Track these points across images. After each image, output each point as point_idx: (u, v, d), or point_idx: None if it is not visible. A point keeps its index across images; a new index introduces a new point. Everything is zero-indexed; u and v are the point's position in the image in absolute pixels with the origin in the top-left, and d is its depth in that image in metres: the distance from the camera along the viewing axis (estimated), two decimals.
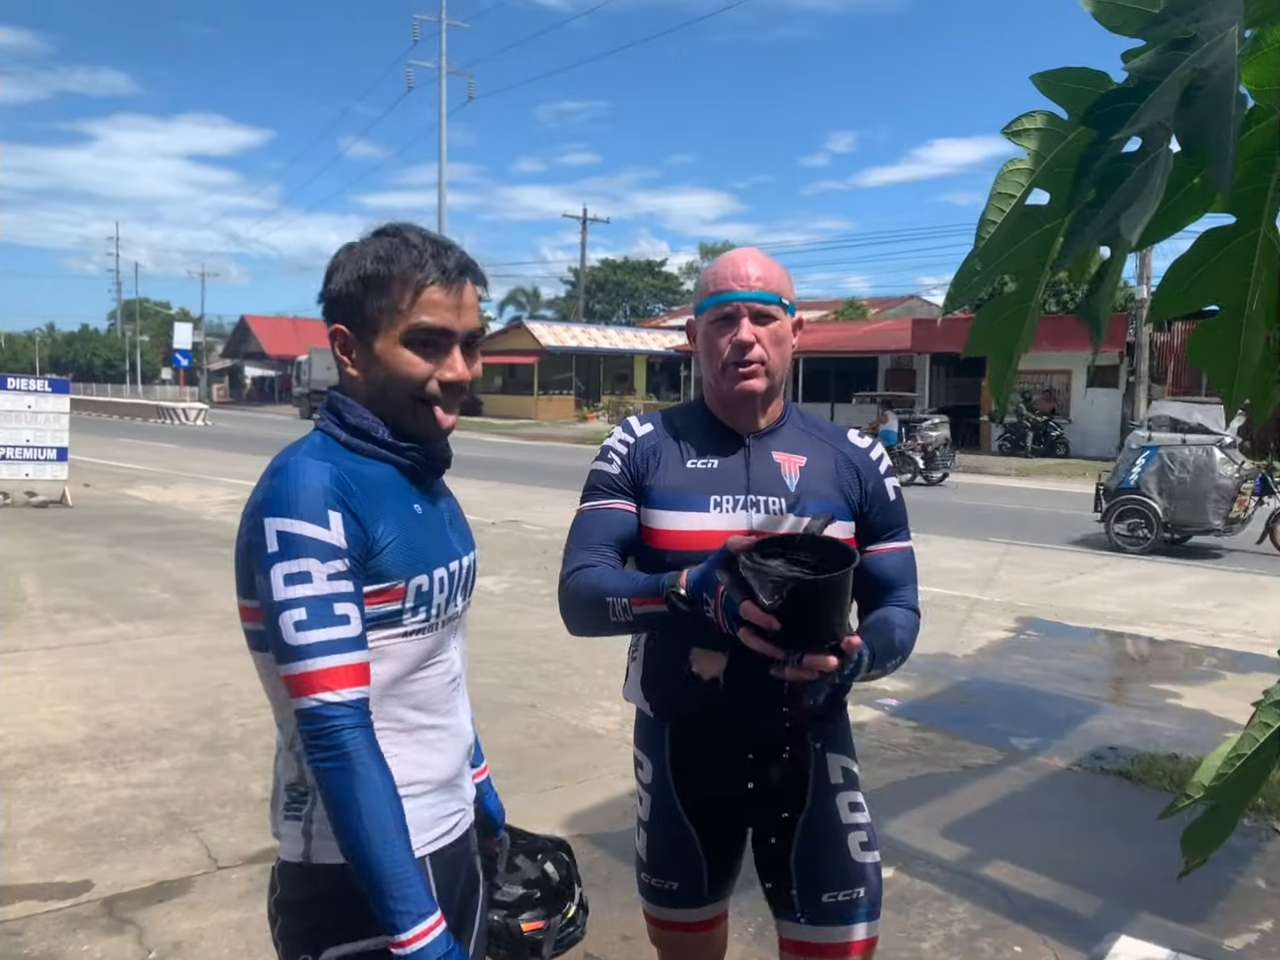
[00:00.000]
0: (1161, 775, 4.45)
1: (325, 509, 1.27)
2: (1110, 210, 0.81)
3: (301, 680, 1.23)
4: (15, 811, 3.82)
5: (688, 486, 1.75)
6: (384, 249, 1.35)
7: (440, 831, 1.41)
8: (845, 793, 1.82)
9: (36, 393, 12.88)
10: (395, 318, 1.34)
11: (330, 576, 1.25)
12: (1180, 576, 9.78)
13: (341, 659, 1.24)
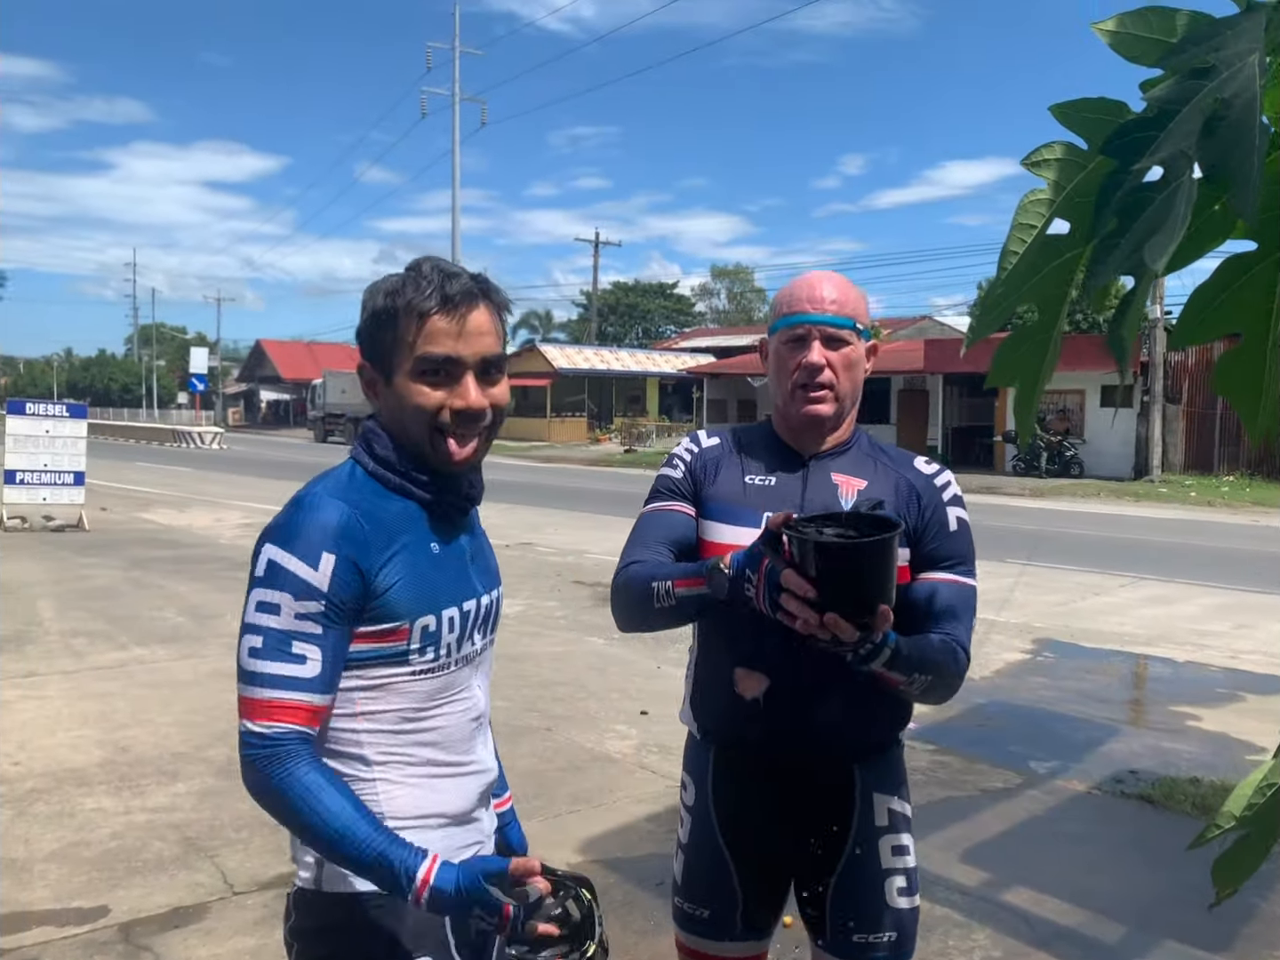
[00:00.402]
0: (1183, 799, 4.40)
1: (320, 550, 1.28)
2: (1132, 240, 0.81)
3: (242, 703, 1.27)
4: (33, 836, 3.82)
5: (742, 501, 1.76)
6: (394, 283, 1.37)
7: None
8: (889, 835, 1.77)
9: (54, 418, 12.99)
10: (405, 351, 1.36)
11: (298, 615, 1.27)
12: (1198, 597, 9.70)
13: (284, 695, 1.26)
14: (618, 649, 7.16)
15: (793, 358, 1.72)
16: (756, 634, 1.69)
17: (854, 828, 1.76)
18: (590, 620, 8.16)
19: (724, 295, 75.24)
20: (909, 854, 1.79)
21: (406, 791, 1.36)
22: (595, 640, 7.44)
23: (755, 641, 1.70)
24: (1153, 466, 23.82)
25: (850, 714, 1.72)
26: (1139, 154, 0.85)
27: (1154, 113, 0.86)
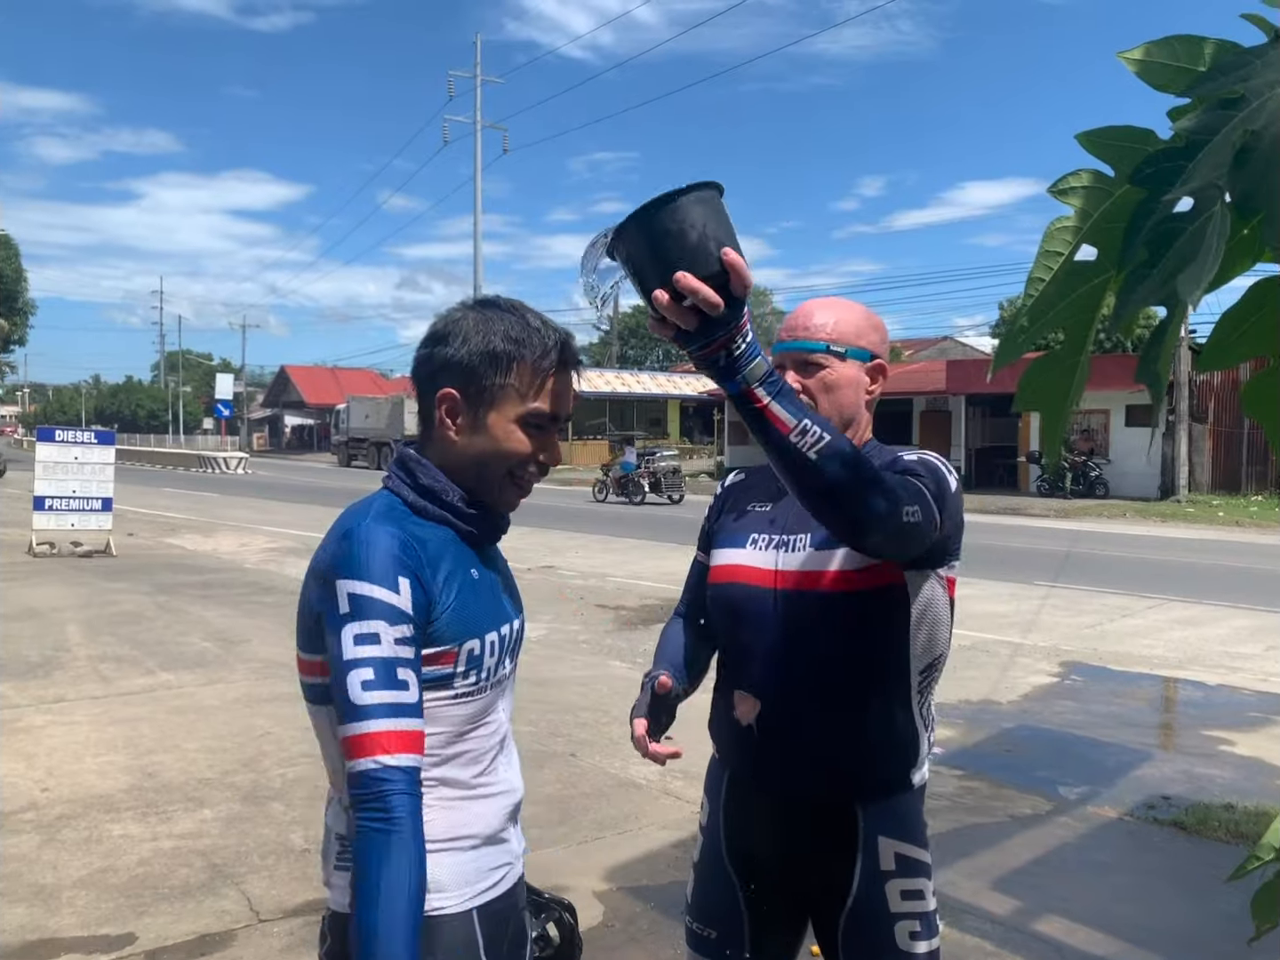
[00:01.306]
0: (1217, 826, 4.33)
1: (395, 574, 1.29)
2: (1164, 271, 0.81)
3: (361, 740, 1.25)
4: (61, 862, 3.84)
5: (739, 528, 1.83)
6: (515, 329, 1.39)
7: (487, 885, 1.42)
8: (897, 880, 1.72)
9: (83, 444, 13.15)
10: (516, 398, 1.40)
11: (397, 640, 1.28)
12: (1228, 619, 9.57)
13: (400, 724, 1.26)
14: (640, 673, 7.12)
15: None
16: (750, 658, 1.74)
17: (859, 868, 1.71)
18: (613, 644, 8.14)
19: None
20: (924, 899, 1.73)
21: (441, 814, 1.37)
22: (618, 664, 7.42)
23: (749, 666, 1.74)
24: (1179, 486, 23.59)
25: (845, 746, 1.69)
26: (1169, 184, 0.85)
27: (1183, 143, 0.86)
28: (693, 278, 1.20)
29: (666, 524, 18.79)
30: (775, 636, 1.70)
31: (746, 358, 1.27)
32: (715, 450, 35.50)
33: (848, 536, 1.46)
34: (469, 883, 1.39)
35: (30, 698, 6.20)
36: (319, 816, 1.47)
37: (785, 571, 1.71)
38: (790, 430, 1.31)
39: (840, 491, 1.35)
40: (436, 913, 1.35)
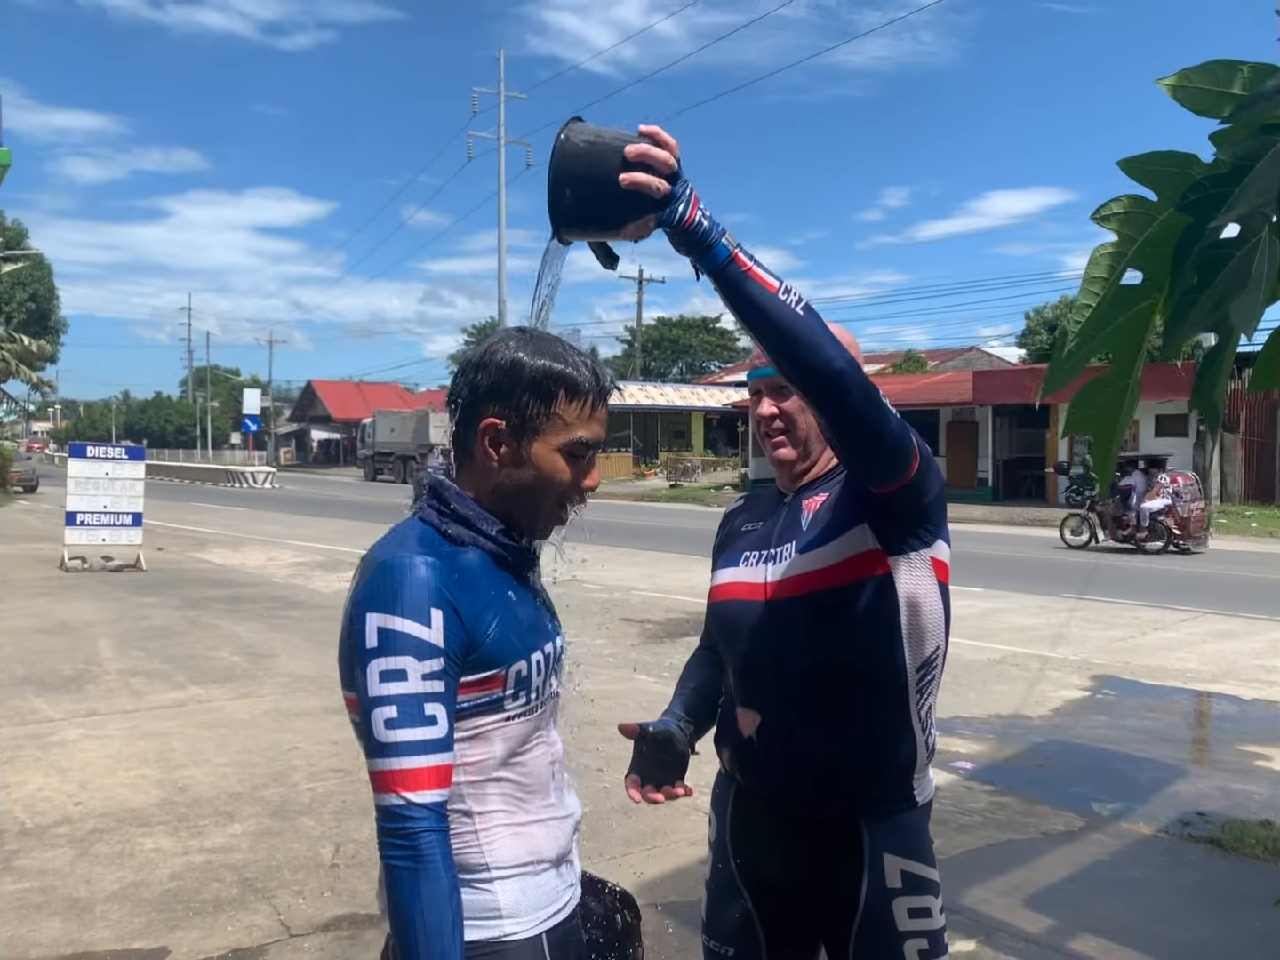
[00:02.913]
0: (1255, 843, 4.26)
1: (429, 606, 1.28)
2: (1213, 296, 0.80)
3: (385, 777, 1.25)
4: (94, 876, 3.87)
5: (734, 548, 1.87)
6: (557, 360, 1.41)
7: (555, 908, 1.42)
8: (904, 898, 1.70)
9: (114, 460, 13.32)
10: (560, 428, 1.41)
11: (425, 676, 1.27)
12: (1263, 632, 9.44)
13: (426, 760, 1.25)
14: (667, 687, 7.08)
15: (754, 411, 1.85)
16: (748, 672, 1.77)
17: (865, 886, 1.70)
18: (639, 658, 8.14)
19: None
20: (931, 916, 1.71)
21: (506, 841, 1.37)
22: (644, 678, 7.42)
23: (748, 679, 1.77)
24: (1211, 497, 23.31)
25: (842, 753, 1.68)
26: (1214, 210, 0.84)
27: (1227, 169, 0.85)
28: (643, 144, 1.26)
29: (691, 537, 18.77)
30: (768, 648, 1.73)
31: (718, 224, 1.33)
32: (740, 462, 35.45)
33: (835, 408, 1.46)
34: (539, 907, 1.39)
35: (63, 711, 6.26)
36: (349, 831, 1.48)
37: (774, 582, 1.74)
38: (776, 289, 1.35)
39: (828, 350, 1.38)
40: (508, 938, 1.35)
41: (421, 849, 1.23)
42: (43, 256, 40.71)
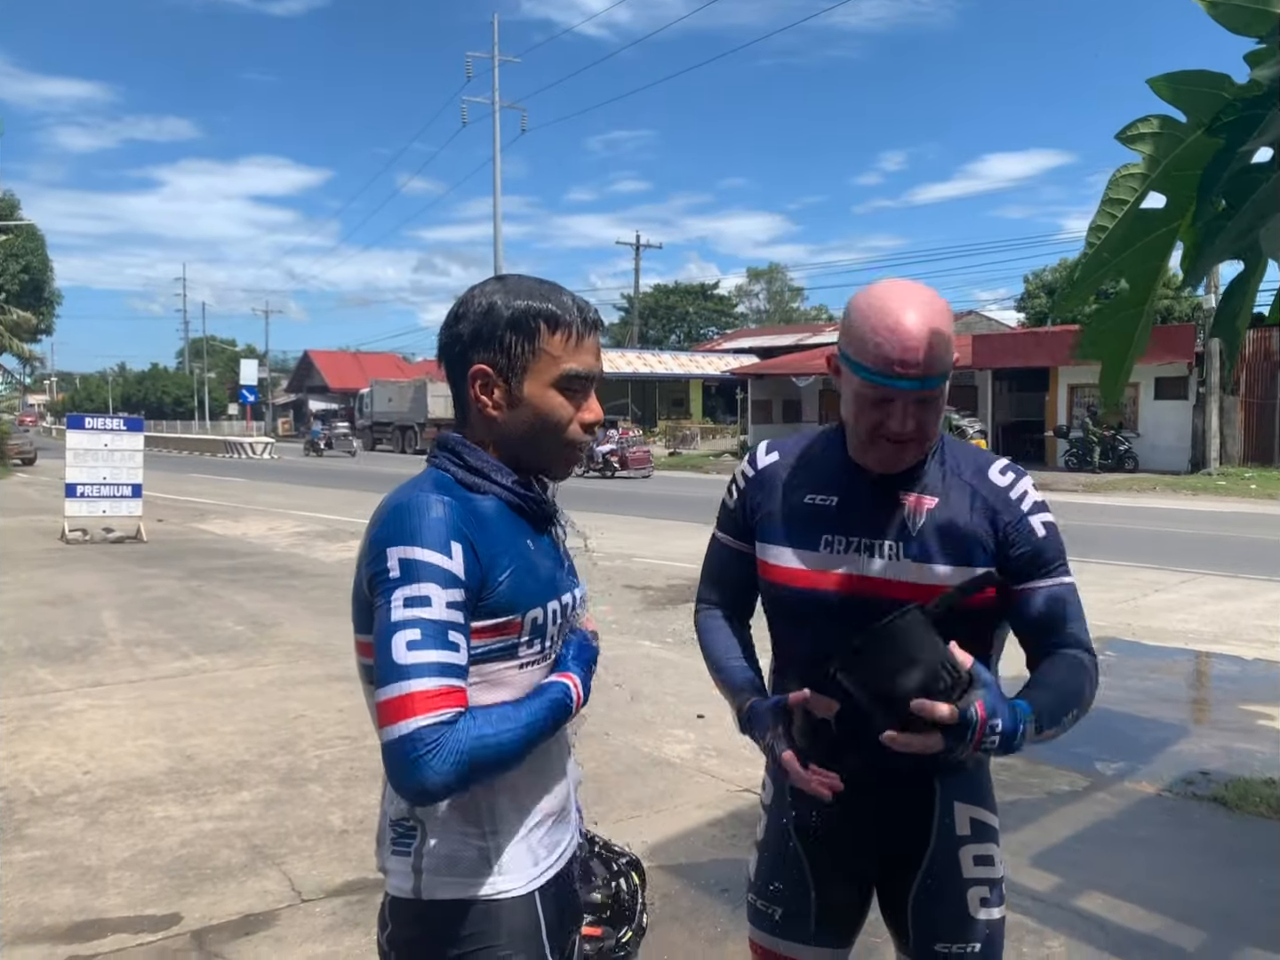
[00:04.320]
0: (1258, 801, 4.28)
1: (448, 539, 1.28)
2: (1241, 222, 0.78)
3: (401, 703, 1.21)
4: (105, 844, 3.89)
5: (801, 522, 1.71)
6: (533, 297, 1.38)
7: (548, 864, 1.43)
8: (971, 845, 1.73)
9: (112, 431, 13.28)
10: (548, 363, 1.38)
11: (449, 604, 1.26)
12: (1264, 592, 9.46)
13: (449, 681, 1.24)
14: (671, 653, 7.15)
15: (876, 412, 1.58)
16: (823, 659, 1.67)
17: (934, 835, 1.72)
18: (641, 624, 8.15)
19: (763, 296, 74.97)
20: (994, 864, 1.74)
21: (505, 793, 1.37)
22: (648, 644, 7.44)
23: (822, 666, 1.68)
24: (1210, 459, 23.32)
25: None
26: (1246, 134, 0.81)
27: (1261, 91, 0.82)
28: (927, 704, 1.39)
29: (690, 504, 18.78)
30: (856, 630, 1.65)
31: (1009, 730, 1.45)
32: (739, 430, 35.42)
33: None
34: (533, 864, 1.40)
35: (69, 682, 6.28)
36: (357, 798, 1.48)
37: (874, 578, 1.65)
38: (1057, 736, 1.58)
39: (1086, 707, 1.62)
40: (501, 896, 1.35)
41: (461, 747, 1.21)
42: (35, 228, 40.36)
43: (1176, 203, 1.01)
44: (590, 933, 1.63)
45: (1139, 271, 1.08)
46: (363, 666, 1.39)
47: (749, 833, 3.92)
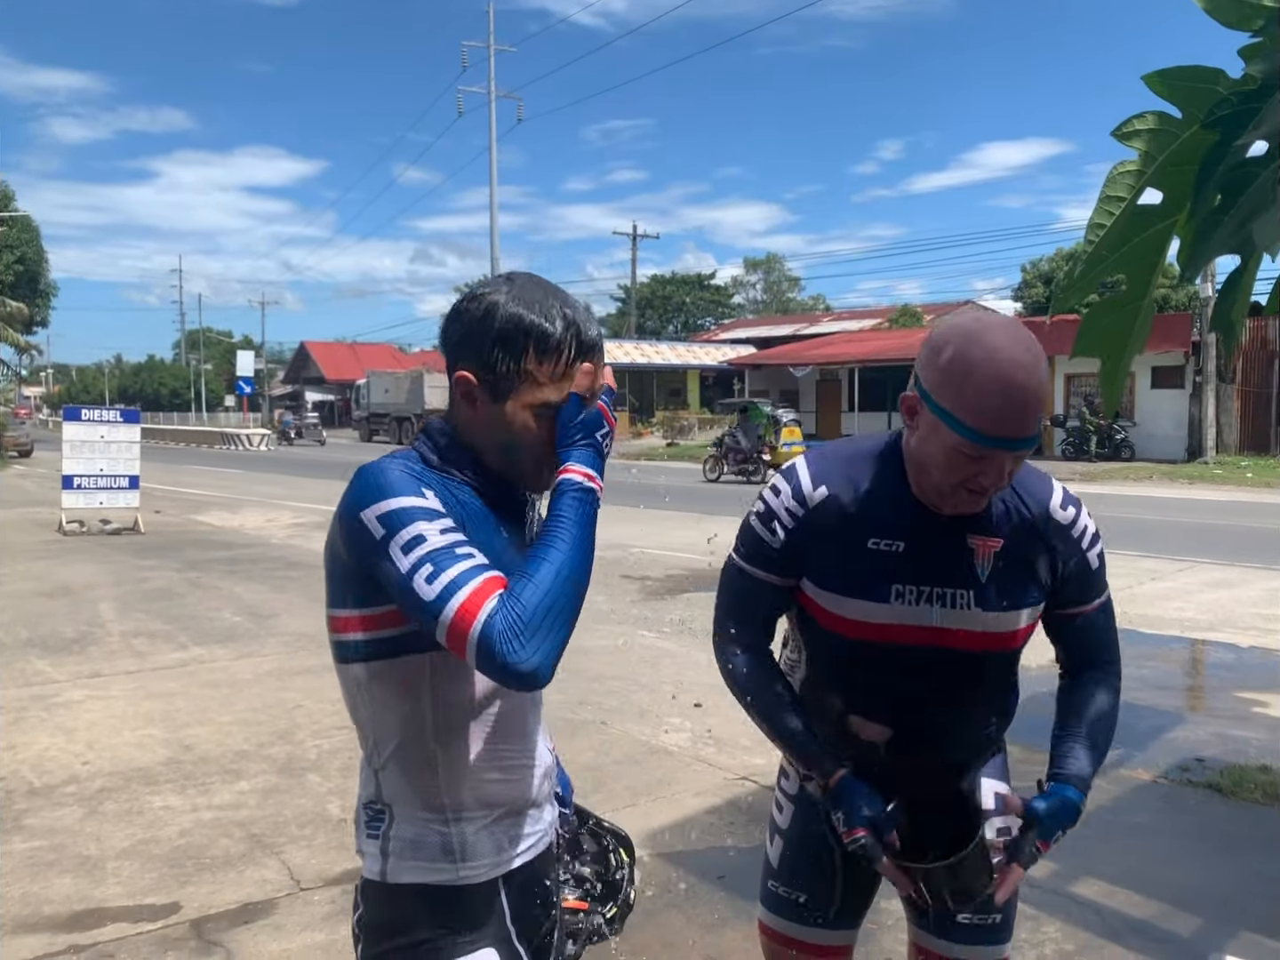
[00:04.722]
0: (1253, 787, 4.30)
1: (418, 486, 1.26)
2: (1237, 217, 0.78)
3: (456, 621, 1.17)
4: (104, 834, 3.90)
5: (867, 571, 1.60)
6: (530, 312, 1.31)
7: (515, 852, 1.41)
8: (995, 818, 1.81)
9: (109, 423, 13.26)
10: (531, 387, 1.32)
11: (443, 530, 1.23)
12: (1260, 581, 9.49)
13: (480, 578, 1.19)
14: (668, 642, 7.16)
15: (970, 467, 1.48)
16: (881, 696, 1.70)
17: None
18: (639, 614, 8.17)
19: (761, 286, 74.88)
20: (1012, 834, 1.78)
21: (469, 784, 1.35)
22: (645, 634, 7.45)
23: (879, 701, 1.71)
24: (1207, 448, 23.35)
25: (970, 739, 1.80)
26: (1241, 128, 0.82)
27: (1256, 85, 0.83)
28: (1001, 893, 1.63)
29: (688, 494, 18.80)
30: (920, 686, 1.66)
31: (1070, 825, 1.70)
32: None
33: None
34: (499, 850, 1.38)
35: (67, 673, 6.28)
36: (355, 787, 1.47)
37: (945, 630, 1.62)
38: None
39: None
40: (463, 881, 1.35)
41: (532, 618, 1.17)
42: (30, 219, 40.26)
43: (1173, 198, 1.01)
44: (577, 906, 1.64)
45: (1137, 267, 1.08)
46: (333, 644, 1.37)
47: (746, 820, 3.96)
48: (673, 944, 3.12)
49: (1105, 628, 1.76)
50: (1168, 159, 0.97)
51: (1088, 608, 1.73)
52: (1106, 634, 1.76)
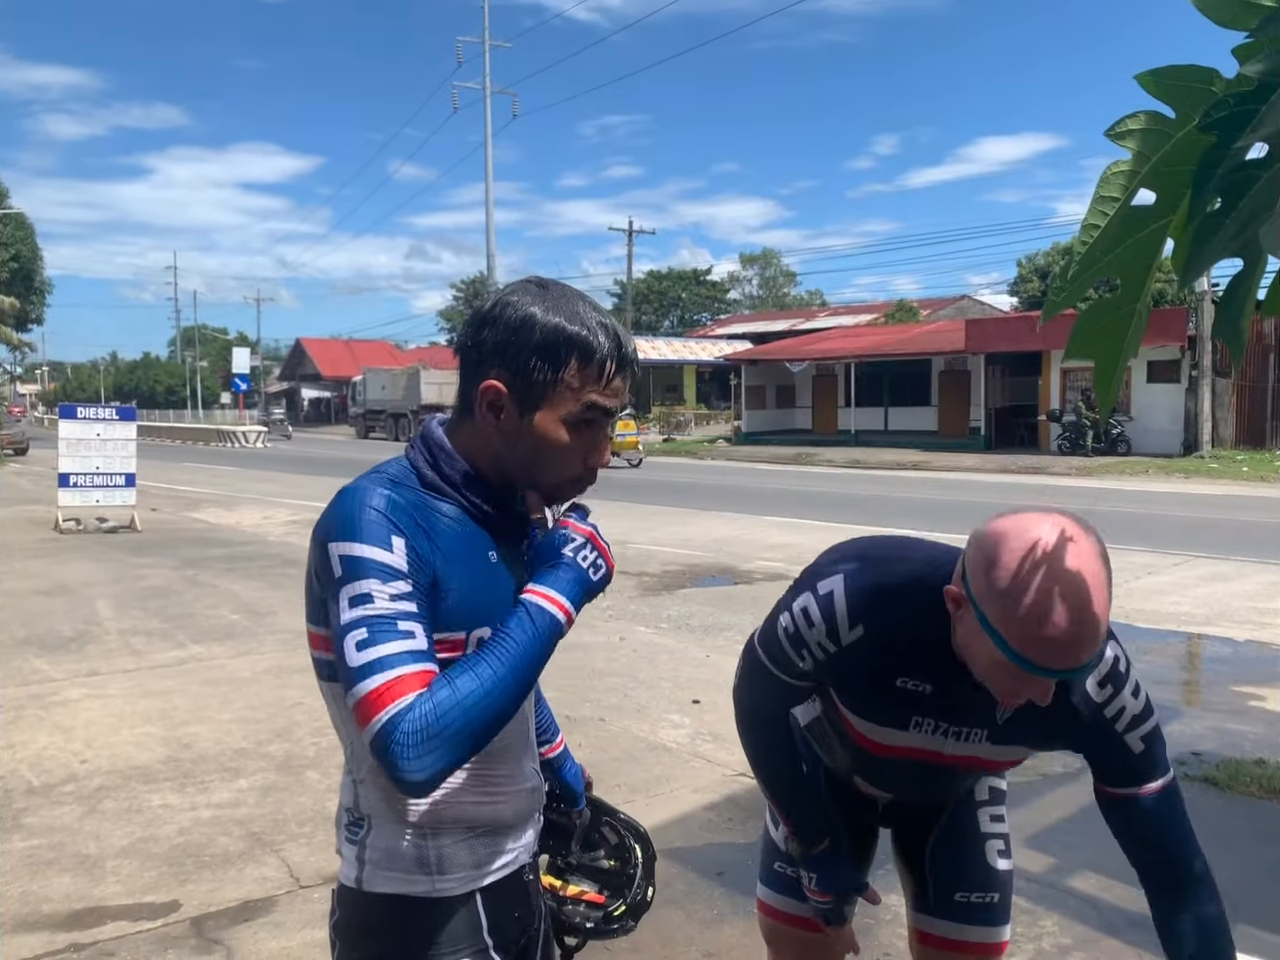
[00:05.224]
0: (1249, 781, 4.32)
1: (388, 534, 1.22)
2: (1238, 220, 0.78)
3: (365, 702, 1.14)
4: (103, 833, 3.90)
5: (890, 704, 1.59)
6: (573, 321, 1.27)
7: (495, 866, 1.38)
8: (988, 807, 1.89)
9: (105, 421, 13.23)
10: (568, 397, 1.28)
11: (393, 597, 1.19)
12: (1255, 574, 9.51)
13: (401, 669, 1.16)
14: (666, 638, 7.17)
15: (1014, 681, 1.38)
16: (886, 777, 1.80)
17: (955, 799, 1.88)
18: (636, 610, 8.17)
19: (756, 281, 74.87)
20: (1004, 823, 1.90)
21: (448, 806, 1.33)
22: (643, 630, 7.46)
23: (882, 778, 1.82)
24: (1203, 442, 23.39)
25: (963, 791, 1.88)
26: (1240, 129, 0.82)
27: (1253, 85, 0.83)
28: None
29: (684, 490, 18.81)
30: (924, 778, 1.76)
31: None
32: (733, 415, 35.41)
33: None
34: (477, 865, 1.35)
35: (65, 672, 6.28)
36: None
37: (954, 754, 1.66)
38: None
39: None
40: (438, 894, 1.32)
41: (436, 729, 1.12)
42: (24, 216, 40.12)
43: (1166, 199, 1.01)
44: (593, 899, 1.65)
45: (1131, 268, 1.07)
46: (314, 661, 1.35)
47: (745, 816, 3.97)
48: (672, 940, 3.14)
49: (1167, 818, 1.52)
50: (1161, 160, 0.97)
51: (1138, 790, 1.52)
52: (1170, 828, 1.52)
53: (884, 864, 2.34)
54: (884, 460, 25.07)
